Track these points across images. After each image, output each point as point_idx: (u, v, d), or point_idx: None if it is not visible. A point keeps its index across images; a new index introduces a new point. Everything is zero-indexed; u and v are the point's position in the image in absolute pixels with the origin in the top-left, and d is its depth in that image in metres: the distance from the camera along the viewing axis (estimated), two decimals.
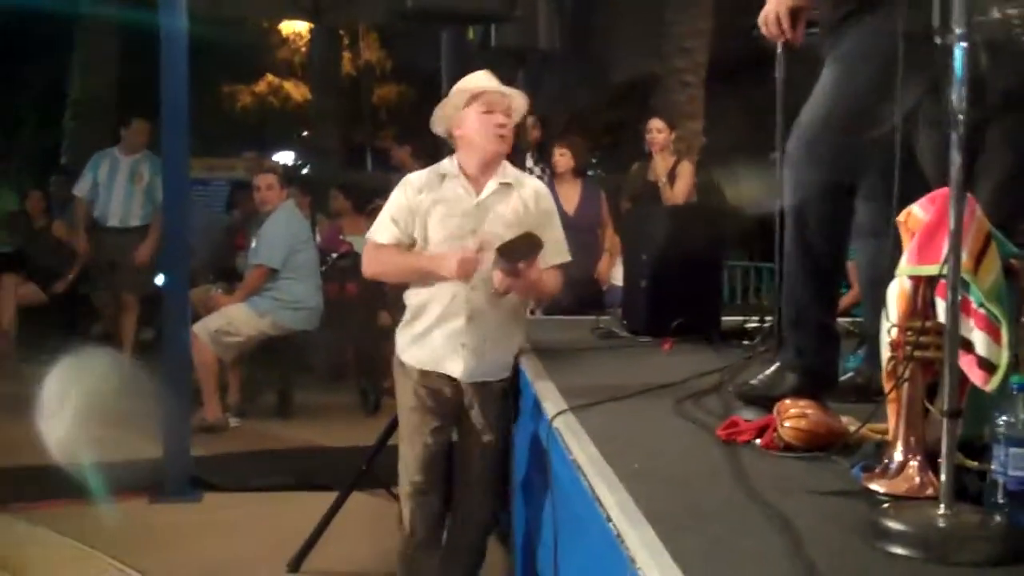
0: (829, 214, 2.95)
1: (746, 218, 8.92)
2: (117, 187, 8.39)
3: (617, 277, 6.17)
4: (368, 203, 7.53)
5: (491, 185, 3.78)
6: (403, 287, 3.92)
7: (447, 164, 3.85)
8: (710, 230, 4.88)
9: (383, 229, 3.83)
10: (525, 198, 3.82)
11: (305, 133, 19.97)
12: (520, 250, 3.59)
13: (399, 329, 3.92)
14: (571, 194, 6.65)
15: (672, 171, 6.64)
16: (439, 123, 3.88)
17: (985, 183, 3.97)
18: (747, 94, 4.26)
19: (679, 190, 6.58)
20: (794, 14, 2.99)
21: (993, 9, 2.58)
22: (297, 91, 20.01)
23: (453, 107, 3.81)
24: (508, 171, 3.85)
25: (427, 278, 3.76)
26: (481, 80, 3.81)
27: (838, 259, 3.07)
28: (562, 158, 6.66)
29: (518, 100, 3.84)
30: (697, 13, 11.31)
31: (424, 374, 3.81)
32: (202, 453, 5.80)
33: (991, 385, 2.06)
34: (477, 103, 3.75)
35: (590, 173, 7.22)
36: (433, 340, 3.77)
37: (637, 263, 4.72)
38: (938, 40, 2.05)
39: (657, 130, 6.68)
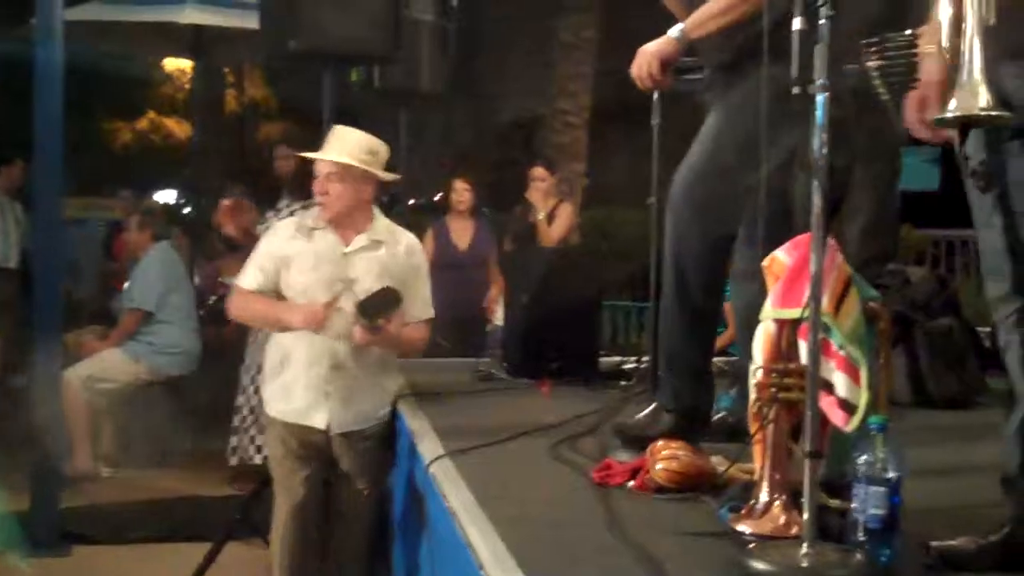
0: (707, 260, 3.01)
1: (628, 258, 9.05)
2: None
3: (500, 317, 6.20)
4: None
5: (360, 239, 3.77)
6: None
7: (315, 213, 3.84)
8: (588, 272, 4.93)
9: (249, 275, 3.80)
10: (395, 253, 3.81)
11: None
12: (379, 306, 3.59)
13: (263, 381, 3.88)
14: (465, 231, 6.68)
15: (552, 212, 6.69)
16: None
17: (851, 226, 4.13)
18: (631, 136, 4.35)
19: (557, 230, 6.63)
20: (663, 63, 3.06)
21: (855, 61, 2.69)
22: (180, 128, 19.69)
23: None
24: (379, 226, 3.83)
25: (280, 327, 3.74)
26: (326, 149, 3.76)
27: (714, 304, 3.13)
28: (465, 193, 6.69)
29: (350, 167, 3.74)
30: (581, 57, 11.47)
31: (289, 426, 3.76)
32: (72, 504, 5.60)
33: (851, 425, 2.12)
34: (322, 172, 3.75)
35: (486, 212, 7.20)
36: (297, 391, 3.73)
37: (517, 305, 4.73)
38: (797, 90, 2.11)
39: (539, 179, 6.73)
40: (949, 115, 1.81)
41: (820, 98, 2.04)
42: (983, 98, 1.76)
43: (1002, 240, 2.13)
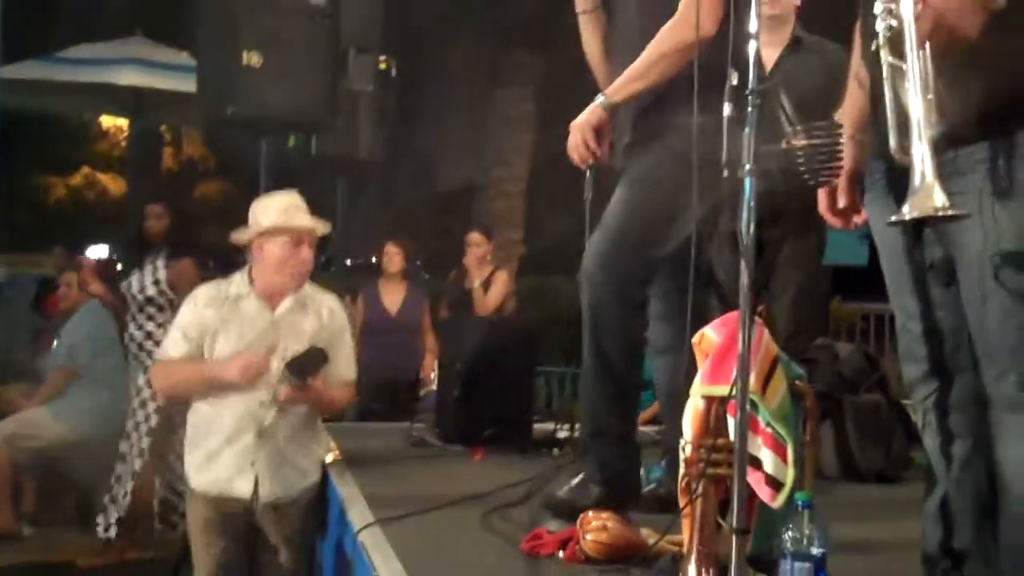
0: (624, 327, 3.03)
1: (563, 325, 9.09)
2: None
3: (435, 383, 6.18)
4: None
5: (287, 303, 3.75)
6: None
7: (238, 281, 3.78)
8: (523, 340, 4.96)
9: (173, 345, 3.73)
10: (320, 314, 3.80)
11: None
12: (307, 364, 3.61)
13: (185, 452, 3.79)
14: (396, 294, 6.63)
15: (488, 279, 6.73)
16: (244, 238, 3.80)
17: (780, 300, 4.21)
18: (567, 204, 4.44)
19: (492, 298, 6.66)
20: (597, 132, 3.11)
21: (782, 140, 2.77)
22: (115, 185, 19.53)
23: (256, 227, 3.74)
24: (304, 288, 3.82)
25: (214, 388, 3.64)
26: (288, 211, 3.74)
27: (633, 371, 3.13)
28: (396, 257, 6.65)
29: (323, 227, 3.84)
30: (519, 127, 11.63)
31: (209, 497, 3.68)
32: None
33: (778, 502, 2.15)
34: (283, 237, 3.70)
35: (425, 276, 7.21)
36: (221, 461, 3.65)
37: (450, 371, 4.74)
38: (726, 173, 2.17)
39: (476, 244, 6.78)
40: (907, 217, 1.84)
41: (748, 182, 2.11)
42: (939, 198, 1.82)
43: (918, 325, 2.19)
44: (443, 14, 8.32)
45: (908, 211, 1.84)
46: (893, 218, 1.88)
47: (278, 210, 3.74)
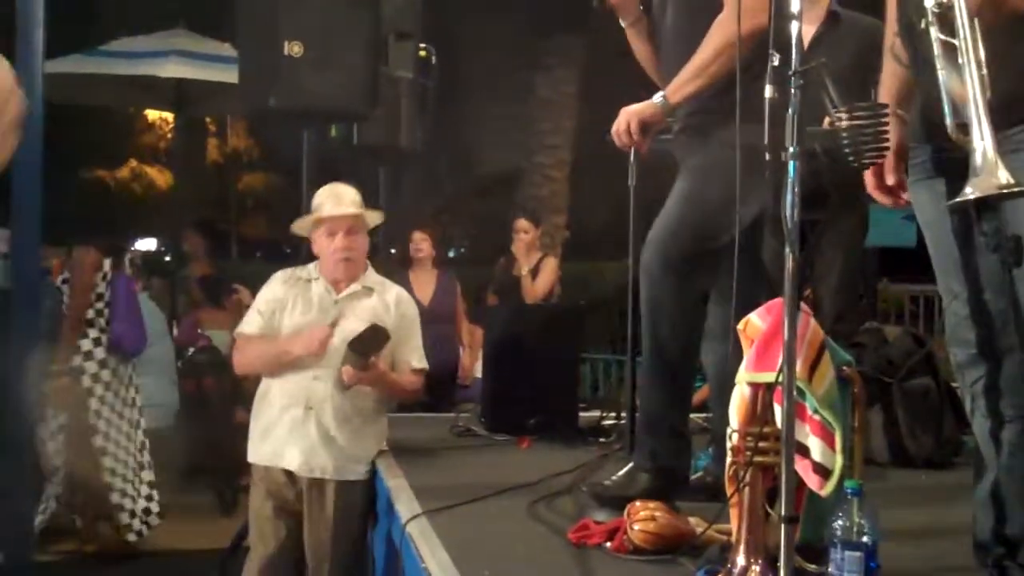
0: (682, 321, 3.03)
1: (609, 311, 9.06)
2: None
3: (479, 371, 6.15)
4: (226, 295, 7.38)
5: (352, 287, 3.88)
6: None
7: (311, 268, 3.96)
8: (569, 329, 4.94)
9: (250, 321, 3.89)
10: (386, 301, 3.90)
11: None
12: (369, 342, 3.66)
13: (250, 428, 3.89)
14: (427, 284, 6.51)
15: (536, 266, 6.70)
16: (300, 230, 4.02)
17: (824, 284, 4.16)
18: (611, 190, 4.43)
19: (541, 285, 6.62)
20: (644, 125, 3.10)
21: (826, 120, 2.73)
22: (161, 177, 19.73)
23: (303, 226, 3.97)
24: (371, 276, 3.95)
25: (283, 363, 3.75)
26: (326, 203, 3.88)
27: (690, 365, 3.14)
28: (424, 244, 6.59)
29: (370, 216, 3.94)
30: (560, 111, 11.59)
31: (267, 471, 3.78)
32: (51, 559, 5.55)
33: (826, 490, 2.13)
34: (323, 227, 3.87)
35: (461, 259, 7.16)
36: (276, 432, 3.75)
37: (496, 360, 4.74)
38: (769, 156, 2.14)
39: (524, 231, 6.74)
40: (971, 197, 1.80)
41: (792, 164, 2.08)
42: (1002, 176, 1.77)
43: (965, 308, 2.16)
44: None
45: (972, 191, 1.79)
46: (957, 199, 1.83)
47: (327, 200, 3.89)
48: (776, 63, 2.20)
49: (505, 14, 10.11)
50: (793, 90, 2.09)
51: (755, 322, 2.27)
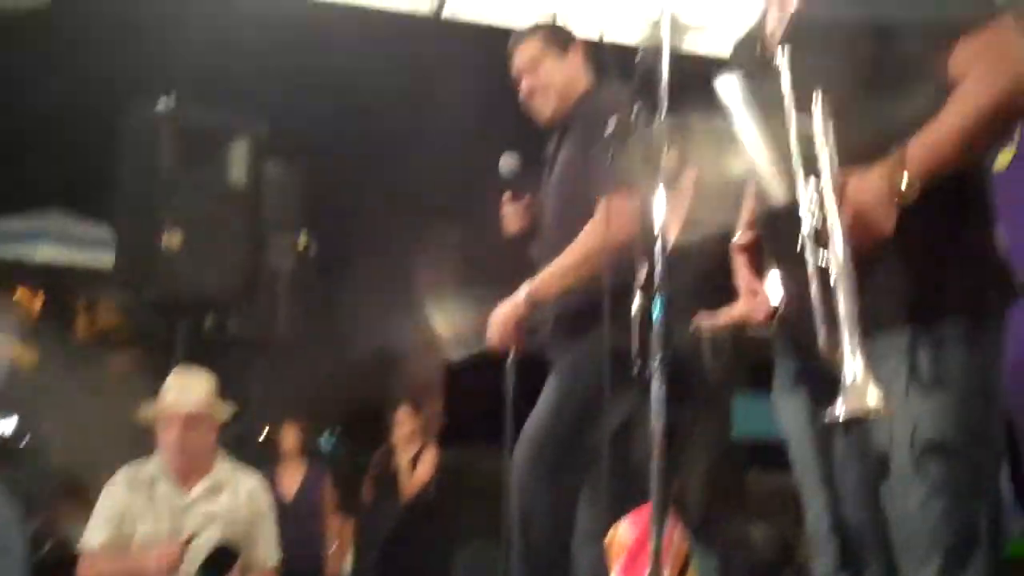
0: (554, 521, 3.05)
1: (484, 499, 8.96)
2: None
3: (348, 567, 5.94)
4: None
5: (201, 485, 3.74)
6: None
7: (155, 462, 3.79)
8: (446, 522, 4.90)
9: (93, 532, 3.69)
10: (238, 499, 3.77)
11: None
12: (219, 565, 3.56)
13: None
14: (293, 477, 6.27)
15: (416, 457, 6.60)
16: (145, 420, 3.86)
17: (694, 481, 4.22)
18: (489, 378, 4.50)
19: (420, 477, 6.50)
20: (517, 324, 3.17)
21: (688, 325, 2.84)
22: (26, 356, 19.12)
23: (147, 416, 3.82)
24: (220, 470, 3.81)
25: None
26: (168, 394, 3.78)
27: (562, 562, 3.13)
28: (290, 435, 6.37)
29: (216, 410, 3.83)
30: (440, 295, 11.71)
31: None
32: None
33: None
34: (163, 419, 3.75)
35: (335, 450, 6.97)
36: None
37: (368, 559, 4.64)
38: (636, 368, 2.21)
39: (404, 420, 6.68)
40: (841, 419, 1.83)
41: (657, 375, 2.15)
42: (872, 398, 1.81)
43: (827, 520, 2.21)
44: (363, 188, 8.47)
45: (842, 413, 1.83)
46: (826, 420, 1.86)
47: (170, 391, 3.78)
48: (643, 278, 2.30)
49: (388, 201, 10.31)
50: (657, 306, 2.18)
51: (622, 533, 2.29)
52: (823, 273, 1.93)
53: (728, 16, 6.18)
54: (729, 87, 2.19)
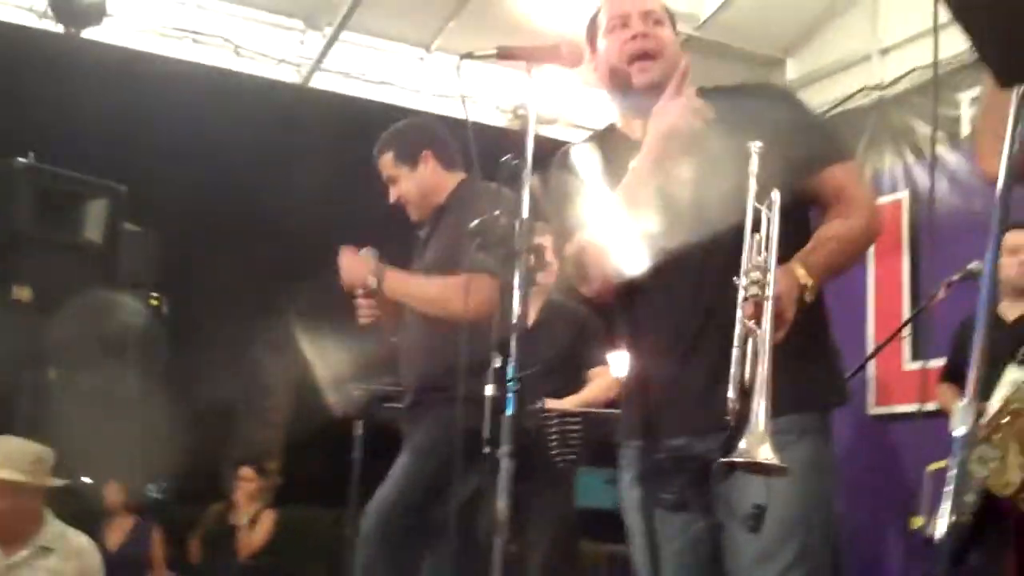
0: None
1: (322, 561, 8.92)
2: None
3: None
4: None
5: (25, 551, 3.67)
6: None
7: None
8: None
9: None
10: (67, 558, 3.73)
11: None
12: None
13: None
14: (117, 531, 6.25)
15: (255, 517, 6.58)
16: None
17: (536, 553, 4.41)
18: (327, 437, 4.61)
19: (258, 538, 6.50)
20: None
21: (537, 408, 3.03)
22: None
23: None
24: (48, 532, 3.75)
25: None
26: None
27: None
28: (113, 489, 6.32)
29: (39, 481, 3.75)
30: (283, 355, 11.66)
31: None
32: None
33: None
34: None
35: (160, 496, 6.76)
36: None
37: None
38: (487, 450, 2.38)
39: (247, 479, 6.68)
40: (737, 460, 1.99)
41: (504, 463, 2.32)
42: (764, 452, 1.98)
43: None
44: (219, 252, 8.45)
45: (740, 456, 1.99)
46: (723, 459, 2.02)
47: None
48: (497, 365, 2.47)
49: (243, 266, 10.27)
50: (510, 394, 2.35)
51: None
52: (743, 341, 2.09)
53: (581, 108, 6.54)
54: (584, 156, 2.41)
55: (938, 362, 4.78)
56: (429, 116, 4.89)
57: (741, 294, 2.11)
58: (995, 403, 3.91)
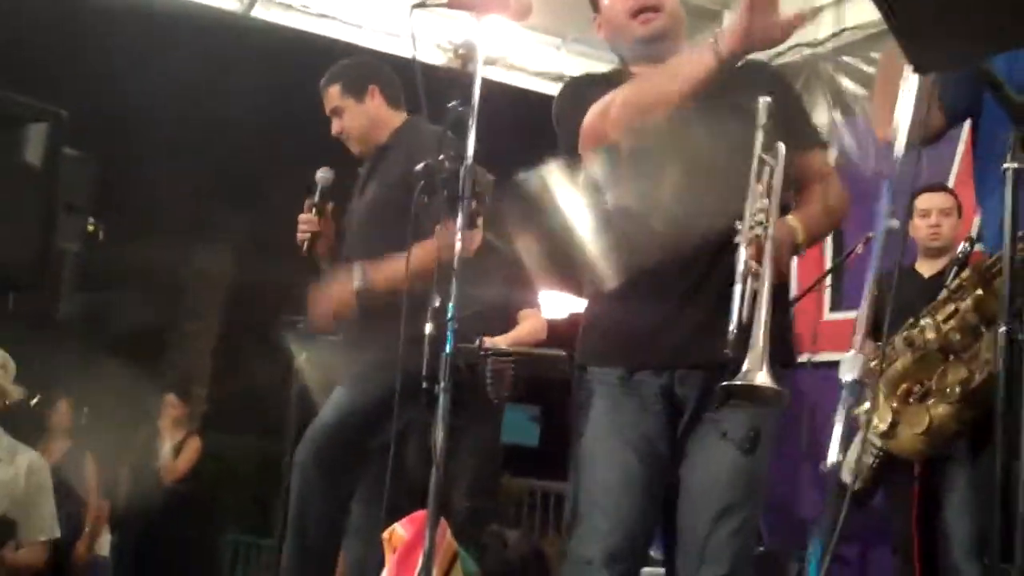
0: (328, 515, 3.30)
1: (246, 488, 9.05)
2: None
3: (104, 548, 5.94)
4: None
5: None
6: None
7: None
8: (206, 512, 5.01)
9: None
10: (17, 471, 3.83)
11: None
12: None
13: None
14: (56, 453, 6.15)
15: (180, 444, 6.65)
16: None
17: (460, 485, 4.56)
18: (254, 363, 4.69)
19: (182, 464, 6.55)
20: (344, 308, 3.44)
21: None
22: None
23: None
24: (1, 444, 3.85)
25: None
26: None
27: (333, 557, 3.39)
28: (62, 411, 6.42)
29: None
30: (216, 283, 11.67)
31: None
32: None
33: None
34: None
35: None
36: None
37: (127, 542, 4.70)
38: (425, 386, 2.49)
39: (172, 405, 6.73)
40: (737, 383, 2.13)
41: (443, 397, 2.44)
42: (762, 377, 2.13)
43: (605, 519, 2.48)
44: (158, 177, 8.43)
45: (741, 379, 2.14)
46: (723, 384, 2.16)
47: None
48: (437, 304, 2.57)
49: (173, 186, 10.24)
50: (448, 332, 2.47)
51: (399, 532, 2.57)
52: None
53: (527, 50, 6.60)
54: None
55: (852, 313, 5.00)
56: (374, 54, 4.91)
57: (745, 237, 2.26)
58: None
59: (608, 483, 2.43)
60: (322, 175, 3.67)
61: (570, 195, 2.53)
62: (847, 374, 1.74)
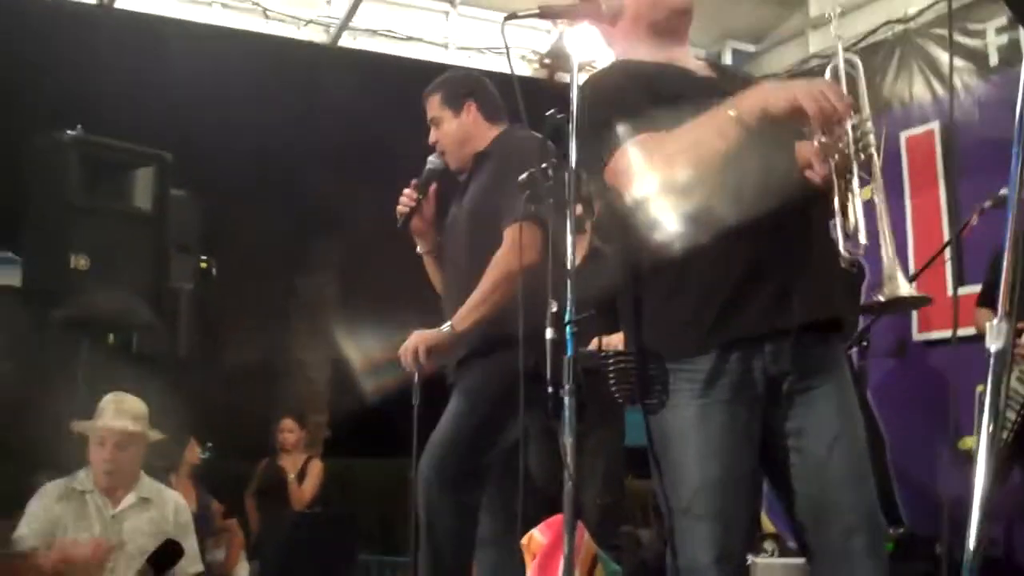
0: (457, 528, 3.32)
1: (374, 511, 9.13)
2: None
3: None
4: None
5: (128, 500, 3.93)
6: None
7: (83, 476, 3.96)
8: (340, 533, 5.07)
9: (27, 538, 3.80)
10: (165, 512, 3.98)
11: None
12: (166, 557, 3.75)
13: None
14: (186, 493, 6.37)
15: (302, 469, 6.75)
16: (82, 430, 4.04)
17: (589, 489, 4.54)
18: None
19: (308, 489, 6.67)
20: (431, 351, 3.42)
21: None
22: None
23: (84, 427, 4.01)
24: (146, 485, 4.02)
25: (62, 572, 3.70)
26: (106, 412, 3.99)
27: (465, 569, 3.40)
28: (192, 452, 6.53)
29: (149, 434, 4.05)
30: (321, 312, 11.82)
31: None
32: None
33: None
34: (97, 435, 3.95)
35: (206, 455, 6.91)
36: None
37: (266, 570, 4.79)
38: (551, 389, 2.49)
39: (288, 430, 6.84)
40: (883, 299, 2.17)
41: (567, 400, 2.43)
42: (903, 286, 2.17)
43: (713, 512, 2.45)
44: (250, 207, 8.60)
45: (885, 294, 2.17)
46: (865, 302, 2.19)
47: (107, 409, 3.99)
48: (554, 309, 2.56)
49: (271, 218, 10.41)
50: (568, 337, 2.46)
51: (537, 538, 2.57)
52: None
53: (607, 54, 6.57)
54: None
55: (977, 287, 4.86)
56: (474, 70, 4.94)
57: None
58: None
59: (709, 480, 2.38)
60: (433, 159, 3.73)
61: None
62: (994, 343, 1.67)
